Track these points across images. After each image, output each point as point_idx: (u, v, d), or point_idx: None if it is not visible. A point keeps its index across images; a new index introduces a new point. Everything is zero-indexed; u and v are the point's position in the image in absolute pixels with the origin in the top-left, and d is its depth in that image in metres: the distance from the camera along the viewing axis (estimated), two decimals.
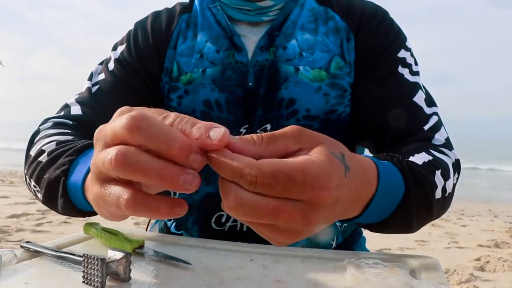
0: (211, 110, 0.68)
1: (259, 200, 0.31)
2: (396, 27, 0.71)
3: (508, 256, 2.82)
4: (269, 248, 0.58)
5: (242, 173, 0.30)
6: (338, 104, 0.68)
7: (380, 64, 0.68)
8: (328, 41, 0.69)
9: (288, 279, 0.47)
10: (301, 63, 0.67)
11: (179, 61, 0.71)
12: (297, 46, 0.68)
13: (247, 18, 0.70)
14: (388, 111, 0.65)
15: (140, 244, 0.55)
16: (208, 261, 0.53)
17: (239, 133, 0.66)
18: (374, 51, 0.68)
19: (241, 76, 0.68)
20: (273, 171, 0.30)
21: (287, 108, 0.67)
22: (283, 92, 0.67)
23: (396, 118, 0.65)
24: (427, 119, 0.65)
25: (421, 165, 0.55)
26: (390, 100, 0.66)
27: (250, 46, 0.69)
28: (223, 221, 0.70)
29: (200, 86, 0.69)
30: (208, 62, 0.69)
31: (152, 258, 0.52)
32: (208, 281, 0.46)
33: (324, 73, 0.67)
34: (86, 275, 0.43)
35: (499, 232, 3.67)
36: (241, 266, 0.51)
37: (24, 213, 3.52)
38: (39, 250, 0.51)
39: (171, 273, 0.49)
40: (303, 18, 0.70)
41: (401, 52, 0.69)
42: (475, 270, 2.50)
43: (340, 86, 0.67)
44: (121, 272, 0.44)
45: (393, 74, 0.67)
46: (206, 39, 0.71)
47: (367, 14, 0.70)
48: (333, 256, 0.56)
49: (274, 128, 0.66)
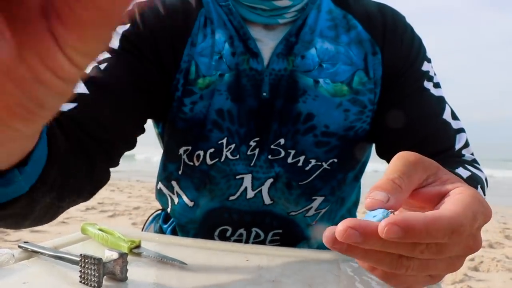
0: (223, 120, 0.63)
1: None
2: (417, 37, 0.67)
3: (501, 256, 2.84)
4: (264, 249, 0.58)
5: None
6: (356, 121, 0.64)
7: (407, 81, 0.64)
8: (352, 53, 0.64)
9: (283, 279, 0.48)
10: (321, 75, 0.62)
11: (199, 61, 0.63)
12: (316, 56, 0.63)
13: (261, 20, 0.63)
14: (418, 132, 0.62)
15: (137, 244, 0.55)
16: (204, 261, 0.53)
17: (248, 147, 0.63)
18: (400, 66, 0.64)
19: (255, 85, 0.62)
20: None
21: (305, 123, 0.63)
22: (300, 105, 0.62)
23: (427, 138, 0.62)
24: (455, 136, 0.63)
25: (465, 178, 0.53)
26: (420, 119, 0.63)
27: (266, 52, 0.63)
28: (228, 235, 0.68)
29: (216, 92, 0.62)
30: (226, 66, 0.62)
31: (148, 258, 0.53)
32: (204, 281, 0.47)
33: (346, 87, 0.63)
34: (83, 275, 0.43)
35: (493, 232, 3.69)
36: (237, 266, 0.52)
37: None
38: (36, 250, 0.52)
39: (168, 273, 0.49)
40: (322, 23, 0.64)
41: (425, 65, 0.66)
42: (469, 270, 2.51)
43: (360, 103, 0.64)
44: (118, 272, 0.44)
45: (420, 91, 0.64)
46: (225, 38, 0.63)
47: (390, 24, 0.65)
48: (328, 256, 0.56)
49: (289, 143, 0.63)
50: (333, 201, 0.68)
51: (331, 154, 0.64)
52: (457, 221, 0.29)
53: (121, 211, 3.82)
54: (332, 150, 0.64)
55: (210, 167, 0.64)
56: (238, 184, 0.64)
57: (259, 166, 0.63)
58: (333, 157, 0.64)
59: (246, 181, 0.64)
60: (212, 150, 0.63)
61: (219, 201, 0.66)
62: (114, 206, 4.11)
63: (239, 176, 0.64)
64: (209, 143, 0.63)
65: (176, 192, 0.69)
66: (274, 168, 0.63)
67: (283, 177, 0.64)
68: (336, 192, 0.68)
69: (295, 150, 0.63)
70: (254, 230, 0.67)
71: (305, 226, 0.68)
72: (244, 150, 0.63)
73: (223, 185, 0.65)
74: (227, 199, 0.65)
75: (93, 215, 3.59)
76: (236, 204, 0.65)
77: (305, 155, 0.63)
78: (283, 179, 0.64)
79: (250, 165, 0.63)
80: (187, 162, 0.66)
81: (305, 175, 0.64)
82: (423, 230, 0.27)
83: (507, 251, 2.98)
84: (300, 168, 0.64)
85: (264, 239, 0.67)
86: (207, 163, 0.64)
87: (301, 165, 0.64)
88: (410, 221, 0.27)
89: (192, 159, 0.65)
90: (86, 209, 3.79)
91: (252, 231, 0.67)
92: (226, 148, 0.63)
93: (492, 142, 62.69)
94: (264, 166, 0.63)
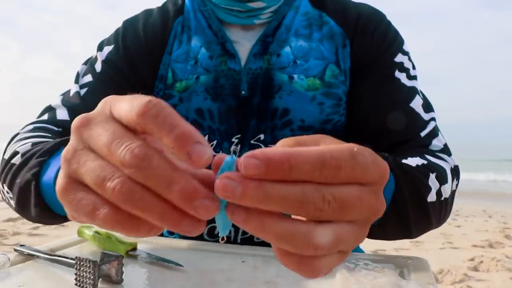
0: (203, 119, 0.66)
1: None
2: (393, 30, 0.70)
3: (501, 256, 2.83)
4: (260, 250, 0.58)
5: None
6: (333, 114, 0.66)
7: (377, 69, 0.66)
8: (323, 48, 0.67)
9: (278, 280, 0.48)
10: (295, 71, 0.65)
11: (174, 67, 0.68)
12: (291, 53, 0.66)
13: (238, 21, 0.67)
14: (384, 118, 0.64)
15: (133, 246, 0.55)
16: (200, 263, 0.54)
17: (230, 143, 0.66)
18: (370, 56, 0.67)
19: (233, 85, 0.66)
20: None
21: (281, 118, 0.65)
22: (277, 101, 0.65)
23: (392, 125, 0.64)
24: (424, 125, 0.64)
25: (414, 167, 0.54)
26: (386, 106, 0.65)
27: (243, 53, 0.67)
28: (216, 232, 0.69)
29: (193, 93, 0.66)
30: (202, 69, 0.67)
31: (144, 260, 0.53)
32: (200, 283, 0.47)
33: (318, 81, 0.65)
34: (78, 278, 0.44)
35: (493, 232, 3.69)
36: (232, 267, 0.52)
37: (20, 216, 3.49)
38: (32, 253, 0.52)
39: (163, 275, 0.49)
40: (297, 23, 0.68)
41: (398, 56, 0.68)
42: (469, 270, 2.51)
43: (335, 95, 0.66)
44: (113, 274, 0.44)
45: (389, 79, 0.66)
46: (201, 44, 0.68)
47: (363, 19, 0.68)
48: None
49: (268, 138, 0.65)
50: None
51: None
52: (326, 153, 0.24)
53: None
54: None
55: None
56: None
57: None
58: None
59: None
60: None
61: None
62: None
63: None
64: None
65: None
66: None
67: None
68: None
69: (274, 145, 0.65)
70: None
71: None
72: (226, 147, 0.66)
73: None
74: None
75: None
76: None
77: None
78: None
79: None
80: None
81: None
82: (285, 162, 0.23)
83: (507, 251, 2.98)
84: None
85: (252, 235, 0.68)
86: None
87: None
88: (269, 153, 0.23)
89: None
90: None
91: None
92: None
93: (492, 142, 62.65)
94: None
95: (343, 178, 0.24)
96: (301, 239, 0.24)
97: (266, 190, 0.23)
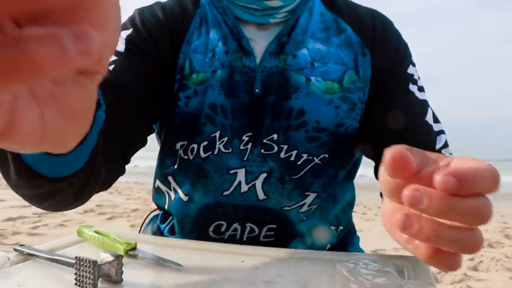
0: (216, 114, 0.66)
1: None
2: (403, 41, 0.71)
3: (501, 256, 2.84)
4: (260, 250, 0.59)
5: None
6: (346, 118, 0.67)
7: (393, 82, 0.68)
8: (342, 54, 0.67)
9: (278, 280, 0.48)
10: (312, 74, 0.66)
11: (192, 58, 0.66)
12: (308, 55, 0.66)
13: (253, 19, 0.67)
14: (401, 133, 0.65)
15: (133, 246, 0.55)
16: (199, 262, 0.54)
17: (241, 141, 0.65)
18: (388, 68, 0.68)
19: (248, 82, 0.66)
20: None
21: (297, 119, 0.65)
22: (293, 102, 0.65)
23: (410, 141, 0.64)
24: (435, 138, 0.66)
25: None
26: (404, 121, 0.65)
27: (259, 50, 0.66)
28: (222, 230, 0.69)
29: (209, 87, 0.65)
30: (219, 63, 0.66)
31: (144, 260, 0.53)
32: (199, 283, 0.47)
33: (337, 85, 0.66)
34: (78, 277, 0.44)
35: (493, 232, 3.69)
36: (232, 267, 0.52)
37: (20, 216, 3.50)
38: (32, 253, 0.52)
39: (163, 274, 0.49)
40: (314, 25, 0.68)
41: (410, 68, 0.69)
42: (468, 270, 2.51)
43: (350, 100, 0.67)
44: (113, 274, 0.44)
45: (405, 93, 0.67)
46: (218, 37, 0.67)
47: (379, 28, 0.69)
48: (323, 257, 0.56)
49: (281, 138, 0.66)
50: (324, 198, 0.70)
51: (322, 149, 0.67)
52: (492, 167, 0.30)
53: (120, 213, 3.82)
54: (323, 145, 0.67)
55: (203, 160, 0.67)
56: (231, 179, 0.66)
57: (253, 160, 0.66)
58: (324, 152, 0.67)
59: (240, 175, 0.66)
60: (205, 143, 0.66)
61: (213, 196, 0.68)
62: (113, 208, 4.11)
63: (233, 171, 0.66)
64: (202, 136, 0.66)
65: (173, 187, 0.72)
66: (267, 163, 0.66)
67: (276, 172, 0.66)
68: (327, 189, 0.70)
69: (287, 145, 0.66)
70: (248, 225, 0.68)
71: (298, 221, 0.69)
72: (236, 144, 0.66)
73: (217, 180, 0.67)
74: (221, 194, 0.67)
75: (91, 218, 3.59)
76: (230, 199, 0.67)
77: (297, 149, 0.66)
78: (276, 174, 0.66)
79: (243, 159, 0.66)
80: (183, 156, 0.69)
81: (297, 169, 0.67)
82: (472, 178, 0.28)
83: (506, 251, 2.98)
84: (293, 163, 0.66)
85: (259, 234, 0.69)
86: (201, 156, 0.67)
87: (293, 159, 0.66)
88: (461, 170, 0.28)
89: (187, 153, 0.68)
90: (85, 211, 3.79)
91: (247, 226, 0.68)
92: (219, 141, 0.66)
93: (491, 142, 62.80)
94: (257, 160, 0.66)
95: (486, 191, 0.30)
96: (470, 241, 0.30)
97: (450, 203, 0.28)
